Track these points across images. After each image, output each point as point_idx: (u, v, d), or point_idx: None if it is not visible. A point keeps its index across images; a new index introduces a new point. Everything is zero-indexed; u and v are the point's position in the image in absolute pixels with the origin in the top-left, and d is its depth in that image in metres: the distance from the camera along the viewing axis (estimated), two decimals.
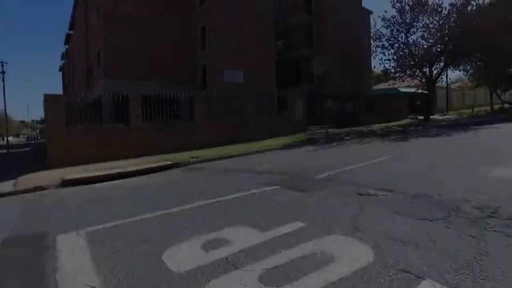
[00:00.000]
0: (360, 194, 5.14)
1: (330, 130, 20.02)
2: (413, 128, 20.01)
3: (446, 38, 22.53)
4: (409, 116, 27.67)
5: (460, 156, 7.77)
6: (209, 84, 21.39)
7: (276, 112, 19.70)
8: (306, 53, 28.62)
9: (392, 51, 24.56)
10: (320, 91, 27.13)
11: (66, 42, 47.69)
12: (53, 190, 8.93)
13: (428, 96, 25.65)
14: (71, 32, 40.61)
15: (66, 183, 9.73)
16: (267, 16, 23.79)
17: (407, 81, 25.53)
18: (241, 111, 17.73)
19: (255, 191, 5.90)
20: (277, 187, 6.09)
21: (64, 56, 55.49)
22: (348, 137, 17.43)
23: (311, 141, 15.96)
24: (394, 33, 24.42)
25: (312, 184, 6.18)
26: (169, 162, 12.13)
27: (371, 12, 36.61)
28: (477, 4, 21.49)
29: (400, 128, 20.68)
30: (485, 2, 21.84)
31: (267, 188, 6.02)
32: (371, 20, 29.79)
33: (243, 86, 21.66)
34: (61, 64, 62.87)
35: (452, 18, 22.26)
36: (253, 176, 7.70)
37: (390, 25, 24.60)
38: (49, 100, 12.43)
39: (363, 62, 30.90)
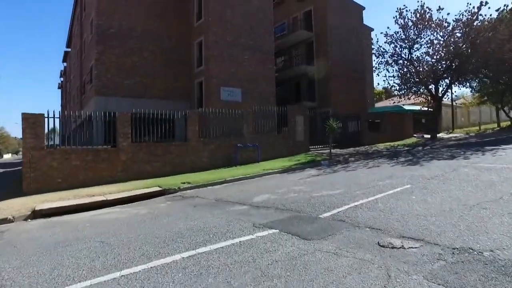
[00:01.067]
0: (381, 246, 3.97)
1: (333, 151, 18.92)
2: (420, 148, 18.88)
3: (451, 55, 21.67)
4: (414, 135, 26.57)
5: (492, 187, 6.60)
6: (206, 102, 20.42)
7: (276, 131, 18.64)
8: (306, 70, 27.81)
9: (396, 67, 23.72)
10: (321, 109, 26.17)
11: (64, 60, 47.33)
12: (20, 223, 7.83)
13: (434, 114, 24.63)
14: (69, 49, 40.13)
15: (36, 214, 8.61)
16: (267, 32, 23.04)
17: (413, 98, 24.56)
18: (239, 130, 16.68)
19: (246, 237, 4.72)
20: (275, 231, 4.92)
21: (63, 73, 55.07)
22: (353, 159, 16.30)
23: (313, 164, 14.82)
24: (397, 49, 23.61)
25: (318, 226, 5.01)
26: (156, 189, 11.00)
27: (372, 29, 36.15)
28: (484, 19, 20.71)
29: (407, 148, 19.55)
30: (492, 17, 21.05)
31: (262, 234, 4.85)
32: (373, 37, 29.23)
33: (241, 104, 20.68)
34: (60, 82, 62.46)
35: (458, 34, 21.47)
36: (247, 211, 6.53)
37: (393, 41, 23.84)
38: (27, 119, 11.37)
39: (365, 80, 30.07)
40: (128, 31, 20.65)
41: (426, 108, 27.46)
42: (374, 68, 24.53)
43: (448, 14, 21.52)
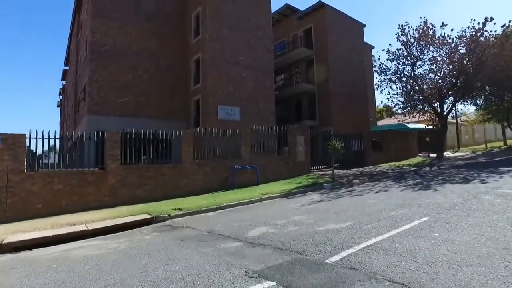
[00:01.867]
0: None
1: (336, 172, 18.01)
2: (428, 168, 17.94)
3: (456, 72, 21.00)
4: (419, 154, 25.66)
5: None
6: (203, 121, 19.62)
7: (276, 152, 17.76)
8: (307, 88, 27.17)
9: (400, 84, 23.05)
10: (323, 128, 25.37)
11: (63, 78, 46.98)
12: None
13: (439, 132, 23.78)
14: (67, 67, 39.81)
15: (4, 248, 7.63)
16: (266, 49, 22.48)
17: (418, 116, 23.77)
18: (236, 151, 15.80)
19: None
20: (271, 284, 3.95)
21: (61, 92, 54.73)
22: (357, 181, 15.36)
23: (315, 187, 13.87)
24: (400, 66, 23.00)
25: (325, 277, 4.05)
26: (144, 216, 10.02)
27: (372, 47, 35.78)
28: (490, 35, 20.13)
29: (414, 169, 18.63)
30: (497, 33, 20.48)
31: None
32: (374, 54, 28.71)
33: (240, 123, 19.87)
34: (58, 100, 62.11)
35: (462, 50, 20.87)
36: (241, 250, 5.57)
37: (395, 58, 23.28)
38: (5, 139, 10.51)
39: (367, 98, 29.39)
40: (123, 48, 20.08)
41: (431, 127, 26.68)
42: (376, 86, 23.90)
43: (452, 30, 20.84)
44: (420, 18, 20.49)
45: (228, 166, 15.10)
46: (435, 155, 23.95)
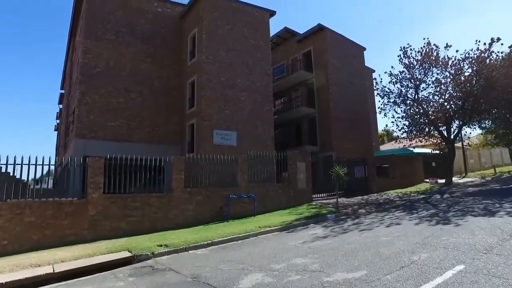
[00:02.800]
0: None
1: (340, 200, 16.80)
2: (438, 196, 16.70)
3: (463, 94, 20.12)
4: (426, 180, 24.44)
5: None
6: (197, 146, 18.55)
7: (275, 179, 16.59)
8: (307, 112, 26.28)
9: (404, 107, 22.17)
10: (324, 154, 24.28)
11: (59, 102, 46.46)
12: None
13: (446, 157, 22.65)
14: (63, 91, 39.25)
15: None
16: (264, 72, 21.72)
17: (424, 141, 22.72)
18: (232, 178, 14.63)
19: None
20: None
21: (58, 116, 54.12)
22: (363, 211, 14.10)
23: (318, 218, 12.61)
24: (403, 89, 22.19)
25: None
26: (124, 255, 8.73)
27: (373, 71, 35.27)
28: (497, 56, 19.40)
29: (423, 196, 17.40)
30: (504, 53, 19.73)
31: None
32: (376, 77, 27.99)
33: (237, 148, 18.80)
34: (55, 124, 61.47)
35: (467, 72, 20.09)
36: None
37: (398, 81, 22.51)
38: None
39: (369, 122, 28.46)
40: (116, 70, 19.30)
41: (437, 151, 25.61)
42: (379, 109, 23.01)
43: (457, 51, 20.00)
44: (424, 39, 19.67)
45: (222, 195, 13.89)
46: (443, 181, 22.73)
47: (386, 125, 26.27)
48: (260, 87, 21.12)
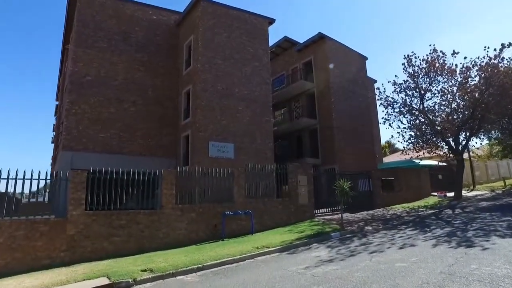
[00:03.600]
0: None
1: (344, 215, 15.73)
2: (450, 212, 15.59)
3: (471, 102, 19.16)
4: (433, 194, 23.28)
5: None
6: (192, 159, 17.55)
7: (275, 194, 15.53)
8: (308, 123, 25.33)
9: (409, 117, 21.19)
10: (326, 167, 23.24)
11: (55, 113, 45.71)
12: None
13: (456, 169, 21.53)
14: (58, 102, 38.56)
15: None
16: (263, 81, 20.85)
17: (431, 152, 21.66)
18: (229, 193, 13.58)
19: None
20: None
21: (54, 128, 53.32)
22: (370, 228, 13.00)
23: (321, 237, 11.51)
24: (408, 98, 21.26)
25: None
26: (101, 282, 7.62)
27: (375, 81, 34.48)
28: (510, 62, 18.44)
29: (432, 211, 16.29)
30: None
31: None
32: (379, 86, 26.92)
33: (234, 161, 17.80)
34: (52, 136, 60.67)
35: (474, 81, 19.15)
36: None
37: (402, 90, 21.59)
38: None
39: (372, 133, 27.51)
40: (108, 79, 18.45)
41: (444, 163, 24.56)
42: (383, 120, 22.00)
43: (465, 58, 18.96)
44: (430, 45, 18.80)
45: (217, 211, 12.82)
46: (451, 194, 21.59)
47: (392, 136, 25.04)
48: (258, 96, 20.22)
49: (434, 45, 19.20)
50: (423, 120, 21.36)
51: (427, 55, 19.63)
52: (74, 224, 10.04)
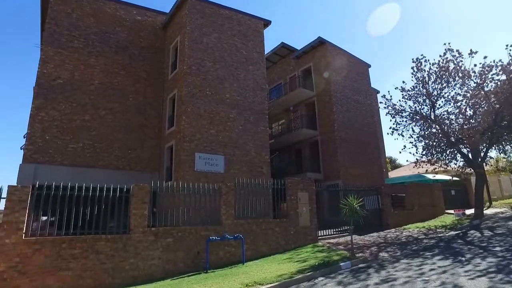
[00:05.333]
0: None
1: (349, 238, 13.46)
2: (477, 233, 13.28)
3: (497, 107, 17.02)
4: (450, 212, 20.95)
5: None
6: (176, 172, 15.26)
7: (271, 214, 13.26)
8: (308, 135, 23.19)
9: (421, 126, 19.09)
10: (328, 182, 20.98)
11: None
12: None
13: (476, 184, 19.23)
14: None
15: None
16: (258, 86, 18.78)
17: (445, 165, 19.41)
18: (216, 214, 11.28)
19: None
20: None
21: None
22: (386, 255, 10.69)
23: (329, 268, 9.19)
24: (418, 106, 19.22)
25: None
26: None
27: (377, 91, 32.59)
28: None
29: (454, 233, 13.99)
30: None
31: None
32: (385, 94, 24.87)
33: (225, 175, 15.54)
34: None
35: (496, 82, 17.06)
36: None
37: (411, 97, 19.57)
38: None
39: (378, 147, 25.36)
40: (82, 83, 16.34)
41: (456, 178, 22.29)
42: (391, 130, 19.84)
43: (485, 57, 16.68)
44: (444, 44, 16.80)
45: (201, 235, 10.51)
46: (469, 212, 19.29)
47: (404, 147, 22.44)
48: (253, 103, 18.09)
49: (449, 43, 17.14)
50: (435, 130, 19.24)
51: (440, 55, 17.63)
52: (6, 257, 7.68)
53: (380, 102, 20.49)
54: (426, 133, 19.10)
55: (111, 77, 17.22)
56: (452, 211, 20.63)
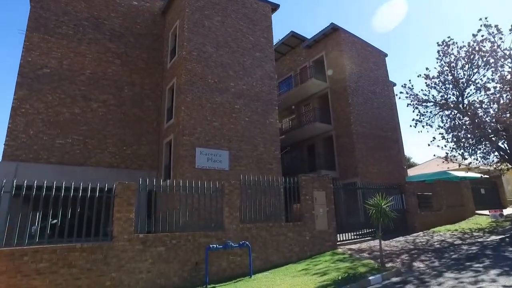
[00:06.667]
0: None
1: (372, 244, 11.71)
2: None
3: None
4: (478, 212, 18.87)
5: None
6: (175, 170, 13.57)
7: (283, 217, 11.48)
8: (322, 129, 21.29)
9: (450, 114, 17.12)
10: (344, 180, 19.09)
11: None
12: None
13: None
14: None
15: None
16: (266, 74, 16.95)
17: (482, 161, 17.35)
18: (219, 217, 9.57)
19: None
20: None
21: None
22: (424, 266, 8.84)
23: (356, 284, 7.39)
24: (445, 94, 17.27)
25: None
26: None
27: (394, 84, 30.49)
28: None
29: (498, 238, 12.02)
30: None
31: None
32: (406, 82, 22.72)
33: (229, 173, 13.80)
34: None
35: None
36: None
37: (436, 84, 17.62)
38: None
39: (398, 141, 23.33)
40: (71, 72, 14.78)
41: (483, 175, 20.24)
42: (414, 122, 17.86)
43: None
44: (480, 19, 14.70)
45: (200, 243, 8.79)
46: (506, 213, 17.21)
47: (434, 138, 20.27)
48: (260, 93, 16.31)
49: (486, 18, 14.99)
50: (463, 121, 17.24)
51: (473, 34, 15.57)
52: None
53: (401, 92, 18.53)
54: (454, 123, 17.09)
55: (104, 67, 15.64)
56: (484, 212, 18.56)
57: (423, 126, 17.73)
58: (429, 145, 17.10)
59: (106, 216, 8.00)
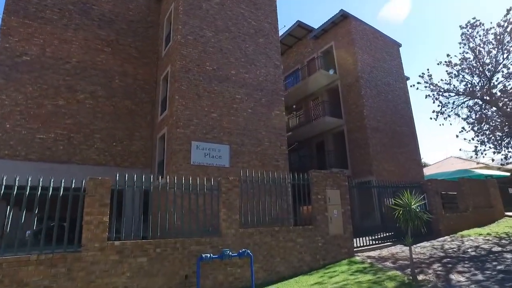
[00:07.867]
0: None
1: (393, 250, 10.05)
2: None
3: None
4: (508, 214, 17.06)
5: None
6: (168, 166, 12.03)
7: (291, 219, 9.88)
8: (332, 124, 19.62)
9: (471, 105, 15.45)
10: (358, 179, 17.43)
11: None
12: None
13: None
14: None
15: None
16: (270, 62, 15.39)
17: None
18: (214, 220, 8.00)
19: None
20: None
21: None
22: (464, 279, 7.19)
23: None
24: (472, 81, 15.58)
25: None
26: None
27: (408, 79, 28.72)
28: None
29: None
30: None
31: None
32: (424, 72, 20.87)
33: (230, 170, 12.23)
34: None
35: None
36: None
37: (460, 72, 15.92)
38: None
39: (414, 137, 21.55)
40: (55, 60, 13.36)
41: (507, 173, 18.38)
42: (435, 114, 16.16)
43: None
44: None
45: (191, 251, 7.22)
46: None
47: (463, 128, 18.39)
48: (264, 82, 14.72)
49: None
50: (491, 111, 15.53)
51: (507, 10, 13.87)
52: None
53: (418, 83, 16.82)
54: (481, 114, 15.34)
55: (92, 55, 14.21)
56: None
57: (444, 118, 16.01)
58: (457, 136, 15.36)
59: (65, 218, 6.48)
